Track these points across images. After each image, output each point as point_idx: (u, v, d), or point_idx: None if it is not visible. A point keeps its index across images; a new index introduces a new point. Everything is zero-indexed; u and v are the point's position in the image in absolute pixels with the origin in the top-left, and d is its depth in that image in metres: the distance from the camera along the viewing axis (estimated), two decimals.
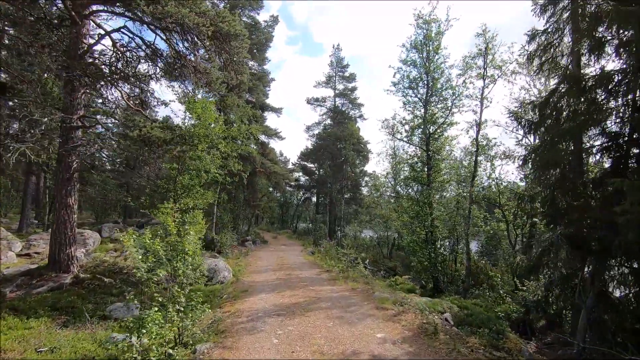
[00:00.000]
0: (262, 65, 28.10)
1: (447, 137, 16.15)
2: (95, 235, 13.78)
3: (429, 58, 16.53)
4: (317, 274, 13.66)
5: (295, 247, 27.69)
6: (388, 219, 25.14)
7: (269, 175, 27.82)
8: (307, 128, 41.57)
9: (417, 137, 16.77)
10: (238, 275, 13.55)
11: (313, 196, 49.59)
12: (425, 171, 16.37)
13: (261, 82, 26.04)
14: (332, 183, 37.76)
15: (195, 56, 12.06)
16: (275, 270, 14.36)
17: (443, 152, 15.96)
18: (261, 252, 22.40)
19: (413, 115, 17.10)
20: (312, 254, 22.25)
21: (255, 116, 22.80)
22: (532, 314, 8.77)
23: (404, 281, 16.54)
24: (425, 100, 16.67)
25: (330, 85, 40.95)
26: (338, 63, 40.96)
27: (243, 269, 14.85)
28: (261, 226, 47.26)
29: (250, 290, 10.17)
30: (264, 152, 27.55)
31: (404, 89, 17.18)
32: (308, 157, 45.82)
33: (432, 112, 16.62)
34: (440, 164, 15.84)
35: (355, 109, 41.12)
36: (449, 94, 16.25)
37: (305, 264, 16.58)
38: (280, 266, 15.68)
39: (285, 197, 52.64)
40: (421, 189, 16.39)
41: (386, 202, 27.06)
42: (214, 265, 12.53)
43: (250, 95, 25.37)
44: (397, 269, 19.32)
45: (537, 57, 9.34)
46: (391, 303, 7.76)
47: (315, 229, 36.93)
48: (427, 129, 16.37)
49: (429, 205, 15.57)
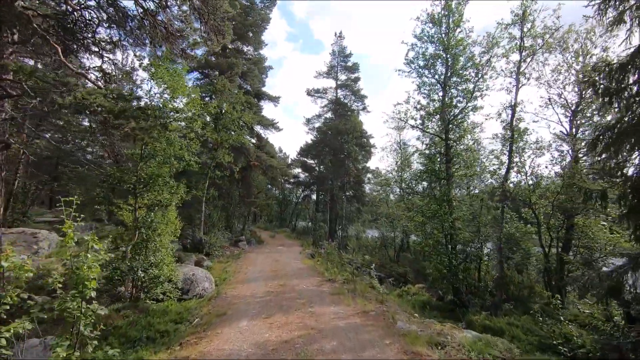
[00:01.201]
0: (258, 49, 25.73)
1: (470, 124, 13.83)
2: (53, 236, 11.49)
3: (448, 33, 14.19)
4: (318, 284, 11.38)
5: (294, 247, 25.40)
6: (395, 219, 22.85)
7: (266, 170, 25.49)
8: (307, 121, 39.21)
9: (434, 124, 14.43)
10: (222, 285, 11.27)
11: (313, 194, 47.25)
12: (444, 163, 14.06)
13: (257, 67, 23.67)
14: (334, 180, 35.44)
15: (166, 15, 9.72)
16: (267, 279, 12.08)
17: (465, 141, 13.64)
18: (255, 254, 20.11)
19: (429, 99, 14.77)
20: (312, 256, 19.97)
21: (249, 104, 20.47)
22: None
23: (418, 291, 14.27)
24: (444, 82, 14.33)
25: (332, 75, 38.55)
26: (340, 52, 38.54)
27: (230, 277, 12.57)
28: (259, 224, 44.98)
29: (230, 312, 7.88)
30: (260, 144, 25.21)
31: (419, 68, 14.85)
32: (308, 153, 43.43)
33: (452, 95, 14.28)
34: (462, 154, 13.51)
35: (358, 101, 38.71)
36: (472, 73, 13.91)
37: (303, 270, 14.30)
38: (274, 273, 13.40)
39: (284, 194, 50.32)
40: (439, 185, 14.07)
41: (393, 200, 24.75)
42: (191, 274, 10.23)
43: (244, 81, 23.02)
44: (407, 276, 17.06)
45: (612, 7, 7.03)
46: (425, 343, 5.43)
47: (315, 228, 34.66)
48: (446, 115, 14.04)
49: (449, 203, 13.27)
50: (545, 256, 13.37)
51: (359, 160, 37.58)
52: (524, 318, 10.46)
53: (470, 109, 13.81)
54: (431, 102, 14.67)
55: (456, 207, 13.31)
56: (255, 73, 22.86)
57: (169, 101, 8.12)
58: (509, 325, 9.97)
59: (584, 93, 13.30)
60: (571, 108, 13.86)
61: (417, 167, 16.01)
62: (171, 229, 9.72)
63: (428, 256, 13.65)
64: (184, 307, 8.64)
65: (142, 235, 8.14)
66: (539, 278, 13.65)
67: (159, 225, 8.91)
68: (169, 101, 8.12)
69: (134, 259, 8.13)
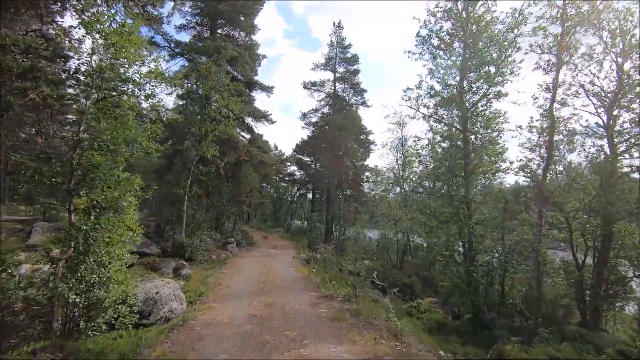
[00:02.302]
0: (250, 34, 23.56)
1: (494, 113, 11.84)
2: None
3: (467, 8, 12.21)
4: (313, 303, 9.35)
5: (287, 250, 23.34)
6: (397, 220, 20.89)
7: (257, 166, 23.37)
8: (303, 115, 37.10)
9: (450, 113, 12.44)
10: (196, 304, 9.21)
11: (308, 192, 45.23)
12: (461, 159, 12.09)
13: (248, 54, 21.51)
14: (330, 178, 33.40)
15: None
16: (252, 295, 10.03)
17: (488, 131, 11.66)
18: (243, 259, 18.05)
19: (444, 84, 12.77)
20: (307, 262, 17.94)
21: (239, 92, 18.31)
22: None
23: (429, 307, 12.31)
24: (462, 64, 12.35)
25: (330, 67, 36.40)
26: (339, 43, 36.40)
27: (208, 291, 10.49)
28: (252, 224, 42.82)
29: (192, 355, 5.82)
30: (252, 137, 23.09)
31: (433, 49, 12.83)
32: (304, 150, 41.37)
33: (471, 79, 12.31)
34: (484, 148, 11.52)
35: (357, 95, 36.64)
36: (495, 54, 11.94)
37: (296, 282, 12.27)
38: (262, 285, 11.35)
39: (279, 192, 48.23)
40: (455, 183, 12.10)
41: (395, 200, 22.79)
42: (154, 293, 8.14)
43: (233, 68, 20.85)
44: (414, 287, 15.09)
45: None
46: None
47: (311, 229, 32.64)
48: (465, 103, 12.07)
49: (468, 205, 11.31)
50: (578, 267, 11.47)
51: (357, 157, 35.61)
52: (565, 348, 8.52)
53: (492, 96, 11.84)
54: (446, 88, 12.67)
55: (477, 209, 11.34)
56: (246, 59, 20.70)
57: (114, 66, 6.03)
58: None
59: (626, 78, 11.41)
60: (608, 96, 11.96)
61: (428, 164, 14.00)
62: (128, 237, 7.63)
63: (443, 266, 11.67)
64: (137, 340, 6.58)
65: (78, 246, 6.06)
66: (569, 292, 11.75)
67: (109, 232, 6.84)
68: (114, 66, 6.03)
69: (66, 279, 6.05)
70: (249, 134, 23.65)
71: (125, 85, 6.31)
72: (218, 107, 15.69)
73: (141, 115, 7.18)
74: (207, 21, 22.41)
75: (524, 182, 12.16)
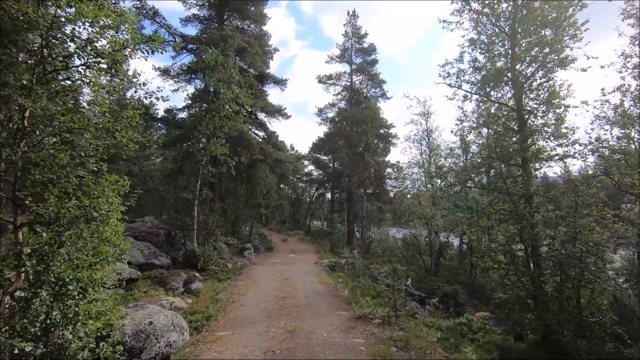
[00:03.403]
0: (261, 24, 21.93)
1: (560, 85, 9.57)
2: None
3: None
4: (345, 328, 7.48)
5: (308, 255, 21.57)
6: (430, 219, 18.73)
7: (273, 166, 21.71)
8: (319, 111, 35.24)
9: (500, 89, 10.29)
10: (200, 333, 7.52)
11: (327, 192, 43.41)
12: (513, 144, 9.93)
13: (258, 44, 19.87)
14: (351, 175, 31.42)
15: None
16: (270, 318, 8.26)
17: (550, 108, 9.42)
18: (261, 268, 16.40)
19: (489, 54, 10.62)
20: (331, 269, 16.12)
21: (250, 85, 16.67)
22: None
23: (482, 323, 10.18)
24: (512, 30, 10.18)
25: (346, 59, 34.46)
26: (355, 33, 34.38)
27: (218, 314, 8.80)
28: (271, 226, 41.42)
29: None
30: (266, 135, 21.45)
31: (474, 14, 10.70)
32: (321, 148, 39.59)
33: (524, 46, 10.12)
34: (548, 128, 9.30)
35: (376, 87, 34.51)
36: (554, 12, 9.72)
37: (321, 297, 10.44)
38: (281, 304, 9.57)
39: (297, 193, 46.64)
40: (510, 173, 9.92)
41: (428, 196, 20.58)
42: (147, 323, 6.47)
43: (242, 60, 19.25)
44: (458, 296, 12.95)
45: None
46: None
47: (332, 231, 30.80)
48: (518, 75, 9.90)
49: (528, 200, 9.16)
50: None
51: (378, 152, 33.47)
52: None
53: (554, 65, 9.61)
54: (494, 57, 10.52)
55: (541, 204, 9.15)
56: (256, 49, 19.07)
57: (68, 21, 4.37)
58: None
59: None
60: None
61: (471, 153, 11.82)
62: (110, 255, 6.02)
63: (502, 275, 9.53)
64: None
65: (28, 275, 4.46)
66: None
67: (80, 252, 5.24)
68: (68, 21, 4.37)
69: (14, 320, 4.44)
70: (262, 131, 22.03)
71: (87, 57, 4.64)
72: (227, 99, 14.07)
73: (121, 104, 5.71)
74: (214, 14, 20.97)
75: (595, 168, 9.78)
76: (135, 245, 14.42)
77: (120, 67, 4.60)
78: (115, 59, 4.62)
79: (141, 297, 10.12)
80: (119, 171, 26.26)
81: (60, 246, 4.86)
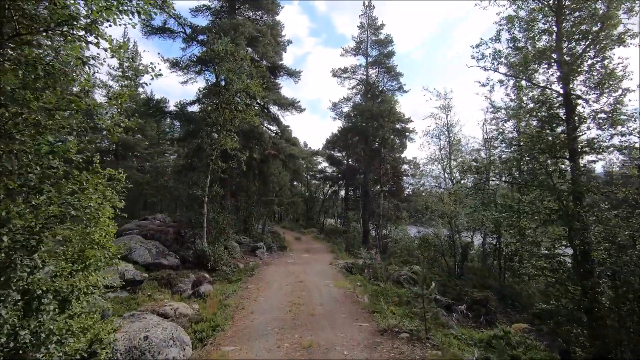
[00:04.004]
0: (274, 14, 20.99)
1: (616, 65, 8.25)
2: None
3: None
4: (369, 345, 6.49)
5: (322, 255, 20.67)
6: (454, 218, 17.47)
7: (286, 161, 20.81)
8: (334, 105, 34.18)
9: (544, 71, 9.01)
10: (205, 346, 6.67)
11: (341, 189, 42.39)
12: (559, 134, 8.67)
13: (271, 34, 18.95)
14: (367, 172, 30.28)
15: None
16: (283, 330, 7.35)
17: (604, 90, 8.12)
18: (274, 269, 15.57)
19: (529, 32, 9.35)
20: (349, 271, 15.13)
21: (261, 76, 15.77)
22: None
23: (523, 337, 9.00)
24: (558, 3, 8.89)
25: (361, 51, 33.17)
26: (370, 24, 33.06)
27: (226, 323, 7.95)
28: (284, 224, 40.73)
29: None
30: (279, 129, 20.56)
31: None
32: (335, 145, 38.53)
33: (571, 22, 8.83)
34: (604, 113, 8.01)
35: (393, 80, 33.10)
36: None
37: (340, 304, 9.47)
38: (295, 312, 8.66)
39: (310, 191, 45.80)
40: (556, 166, 8.67)
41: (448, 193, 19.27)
42: (142, 337, 5.64)
43: (253, 51, 18.35)
44: (489, 302, 11.76)
45: None
46: None
47: (347, 230, 29.78)
48: (566, 53, 8.63)
49: (579, 197, 7.92)
50: None
51: (395, 148, 32.16)
52: None
53: (610, 42, 8.29)
54: (537, 35, 9.25)
55: (595, 203, 7.89)
56: (269, 39, 18.14)
57: None
58: None
59: None
60: None
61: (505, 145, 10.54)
62: (99, 260, 5.24)
63: (547, 285, 8.34)
64: None
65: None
66: None
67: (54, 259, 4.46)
68: None
69: None
70: (274, 125, 21.15)
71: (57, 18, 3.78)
72: (237, 89, 13.22)
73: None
74: (225, 4, 20.16)
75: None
76: (143, 244, 13.81)
77: (97, 29, 3.69)
78: (93, 20, 3.72)
79: (144, 301, 9.40)
80: (131, 167, 25.95)
81: (32, 252, 4.05)
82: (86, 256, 4.98)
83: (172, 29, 18.13)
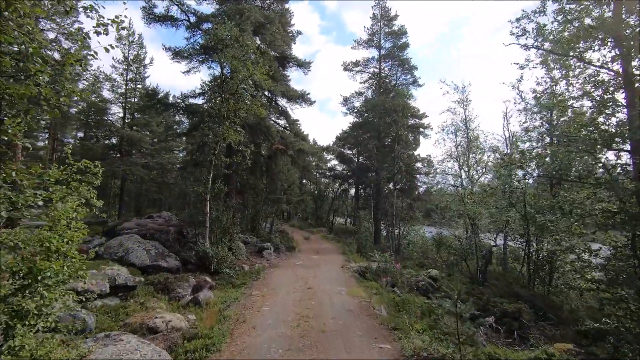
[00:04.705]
0: (282, 1, 19.82)
1: None
2: None
3: None
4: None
5: (333, 256, 19.51)
6: (476, 219, 16.10)
7: (295, 157, 19.67)
8: (345, 100, 32.87)
9: (600, 47, 7.61)
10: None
11: (351, 188, 41.11)
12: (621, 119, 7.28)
13: (279, 21, 17.79)
14: (379, 170, 28.94)
15: None
16: (286, 354, 6.21)
17: None
18: (280, 272, 14.47)
19: (579, 4, 7.95)
20: (362, 276, 13.93)
21: (269, 64, 14.62)
22: None
23: None
24: None
25: (374, 43, 31.78)
26: (384, 15, 31.65)
27: (222, 339, 6.82)
28: (293, 223, 39.75)
29: None
30: (287, 122, 19.42)
31: None
32: (345, 142, 37.30)
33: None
34: None
35: (407, 74, 31.62)
36: None
37: (354, 318, 8.30)
38: (303, 327, 7.51)
39: (320, 189, 44.65)
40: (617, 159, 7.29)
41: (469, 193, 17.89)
42: (128, 356, 4.57)
43: (260, 39, 17.21)
44: (522, 315, 10.42)
45: None
46: None
47: (358, 229, 28.51)
48: (626, 26, 7.24)
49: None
50: None
51: (409, 145, 30.73)
52: None
53: None
54: (584, 11, 7.86)
55: None
56: (277, 27, 17.00)
57: None
58: None
59: None
60: None
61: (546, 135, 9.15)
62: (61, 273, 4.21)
63: (603, 301, 7.02)
64: None
65: None
66: None
67: None
68: None
69: None
70: (283, 119, 20.01)
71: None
72: (242, 78, 12.11)
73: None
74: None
75: None
76: (141, 245, 12.87)
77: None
78: None
79: (135, 310, 8.37)
80: (135, 164, 25.22)
81: None
82: (38, 269, 3.92)
83: (175, 16, 17.14)
